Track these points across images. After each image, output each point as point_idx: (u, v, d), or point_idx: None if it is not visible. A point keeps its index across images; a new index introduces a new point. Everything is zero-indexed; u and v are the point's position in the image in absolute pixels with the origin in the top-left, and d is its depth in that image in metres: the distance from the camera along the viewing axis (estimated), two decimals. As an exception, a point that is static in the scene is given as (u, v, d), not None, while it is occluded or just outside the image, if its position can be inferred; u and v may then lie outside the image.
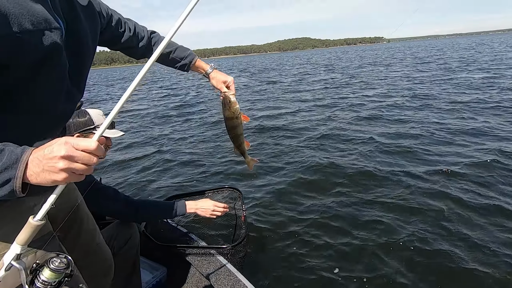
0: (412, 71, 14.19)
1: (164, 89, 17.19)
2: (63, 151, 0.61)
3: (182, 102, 11.33)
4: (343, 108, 7.50)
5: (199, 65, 1.39)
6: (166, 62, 1.36)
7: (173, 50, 1.34)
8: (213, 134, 6.37)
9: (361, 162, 4.00)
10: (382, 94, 8.88)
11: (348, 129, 5.63)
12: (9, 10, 0.63)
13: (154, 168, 4.65)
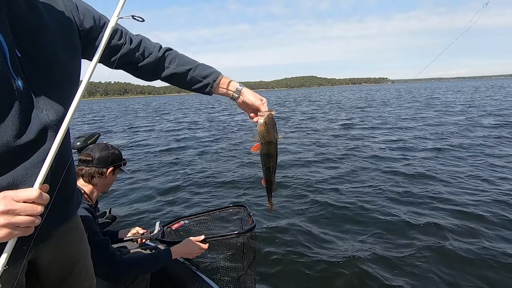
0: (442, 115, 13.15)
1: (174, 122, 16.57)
2: (2, 206, 0.60)
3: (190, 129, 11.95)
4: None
5: (226, 85, 1.14)
6: (184, 83, 1.13)
7: (192, 68, 1.12)
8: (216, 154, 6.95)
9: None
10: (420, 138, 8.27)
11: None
12: None
13: (160, 190, 4.83)
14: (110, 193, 4.74)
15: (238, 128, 12.71)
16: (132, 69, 1.09)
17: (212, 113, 21.53)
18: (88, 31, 0.93)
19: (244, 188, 4.87)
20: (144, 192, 4.92)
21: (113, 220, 2.14)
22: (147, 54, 1.07)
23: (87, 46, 0.95)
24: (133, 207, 4.31)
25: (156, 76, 1.13)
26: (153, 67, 1.09)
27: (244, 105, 1.16)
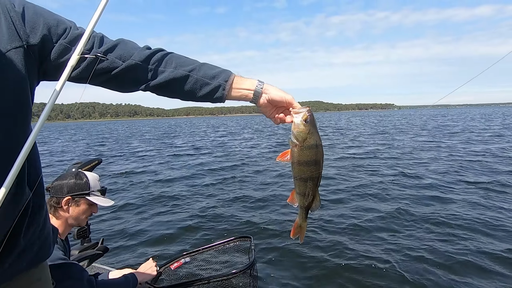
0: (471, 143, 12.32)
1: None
2: None
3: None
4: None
5: (241, 84, 0.89)
6: (186, 89, 0.87)
7: (196, 68, 0.87)
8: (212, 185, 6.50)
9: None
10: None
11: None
12: None
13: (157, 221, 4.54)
14: (103, 223, 4.46)
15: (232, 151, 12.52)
16: (107, 79, 0.84)
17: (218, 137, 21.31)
18: (41, 45, 0.76)
19: (253, 213, 4.62)
20: (141, 222, 4.61)
21: (105, 251, 1.99)
22: (127, 56, 0.83)
23: (42, 62, 0.79)
24: (128, 239, 4.01)
25: (141, 83, 0.86)
26: (138, 71, 0.85)
27: (268, 106, 0.91)
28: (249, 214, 4.69)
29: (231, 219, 4.50)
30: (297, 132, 0.84)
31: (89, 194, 1.50)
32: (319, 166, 0.86)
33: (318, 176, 0.87)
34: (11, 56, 0.70)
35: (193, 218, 4.62)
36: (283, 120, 0.91)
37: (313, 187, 0.88)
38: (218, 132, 25.83)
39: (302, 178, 0.87)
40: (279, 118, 0.91)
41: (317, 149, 0.85)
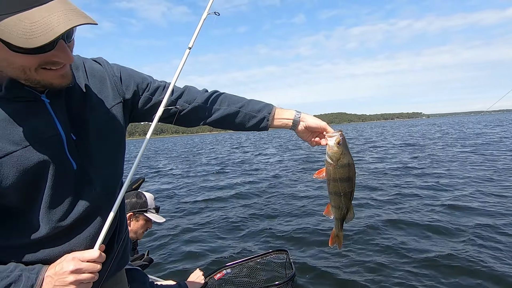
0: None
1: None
2: (71, 266, 0.72)
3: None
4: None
5: (282, 115, 1.08)
6: (237, 122, 1.08)
7: (244, 105, 1.08)
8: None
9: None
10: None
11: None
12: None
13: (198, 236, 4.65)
14: (147, 236, 4.75)
15: (264, 165, 12.43)
16: (178, 118, 1.05)
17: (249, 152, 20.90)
18: (132, 98, 0.98)
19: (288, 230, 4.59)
20: (180, 235, 4.85)
21: (150, 262, 2.15)
22: (192, 100, 1.05)
23: (132, 110, 1.01)
24: (171, 251, 4.29)
25: (203, 120, 1.07)
26: (200, 111, 1.06)
27: (306, 132, 1.07)
28: (283, 227, 4.75)
29: (266, 233, 4.60)
30: (332, 153, 0.96)
31: (147, 211, 1.74)
32: (352, 182, 0.98)
33: (351, 191, 0.99)
34: (115, 109, 0.92)
35: (227, 232, 4.79)
36: (318, 143, 1.07)
37: (347, 201, 1.00)
38: (243, 148, 25.75)
39: (337, 193, 0.98)
40: (315, 141, 1.07)
41: (349, 167, 0.96)
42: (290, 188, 7.54)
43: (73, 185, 0.80)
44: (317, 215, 5.19)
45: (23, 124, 0.72)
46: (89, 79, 0.88)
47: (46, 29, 0.58)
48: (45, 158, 0.74)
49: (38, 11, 0.59)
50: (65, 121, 0.79)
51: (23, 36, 0.58)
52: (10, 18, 0.57)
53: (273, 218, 5.26)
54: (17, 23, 0.57)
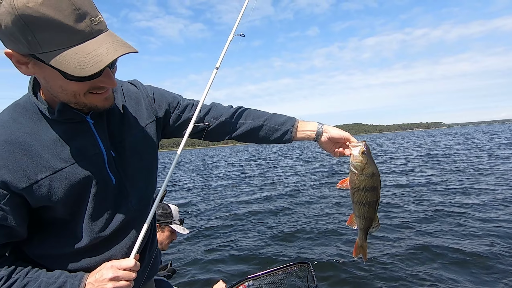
0: None
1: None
2: (110, 273, 0.78)
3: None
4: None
5: (305, 127, 1.11)
6: (262, 135, 1.13)
7: (268, 118, 1.12)
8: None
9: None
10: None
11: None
12: (36, 158, 0.75)
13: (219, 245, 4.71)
14: (173, 247, 4.84)
15: (283, 177, 12.38)
16: (206, 133, 1.10)
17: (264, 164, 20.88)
18: (164, 116, 1.05)
19: (311, 239, 4.58)
20: (203, 247, 4.90)
21: (173, 273, 2.20)
22: (218, 115, 1.11)
23: (164, 127, 1.08)
24: (191, 262, 4.34)
25: (229, 134, 1.13)
26: (226, 126, 1.11)
27: (329, 143, 1.09)
28: (304, 239, 4.69)
29: (287, 244, 4.55)
30: (356, 163, 0.97)
31: (172, 222, 1.80)
32: (377, 192, 0.98)
33: (376, 201, 0.98)
34: (149, 127, 0.99)
35: (248, 244, 4.77)
36: (342, 153, 1.08)
37: (371, 211, 0.99)
38: (259, 160, 25.61)
39: (361, 203, 0.99)
40: (339, 152, 1.09)
41: (374, 177, 0.97)
42: (310, 200, 7.47)
43: (113, 198, 0.87)
44: (339, 225, 5.07)
45: (71, 143, 0.80)
46: (126, 100, 0.96)
47: (96, 60, 0.65)
48: (89, 174, 0.81)
49: (90, 44, 0.66)
50: (105, 140, 0.86)
51: (78, 66, 0.65)
52: (67, 51, 0.65)
53: (294, 229, 5.19)
54: (73, 56, 0.65)
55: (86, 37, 0.66)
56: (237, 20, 1.11)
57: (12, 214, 0.75)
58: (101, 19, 0.68)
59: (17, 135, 0.75)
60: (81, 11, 0.64)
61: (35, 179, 0.75)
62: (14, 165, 0.73)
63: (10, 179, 0.73)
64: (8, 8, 0.59)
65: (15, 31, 0.61)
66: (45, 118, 0.79)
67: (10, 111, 0.80)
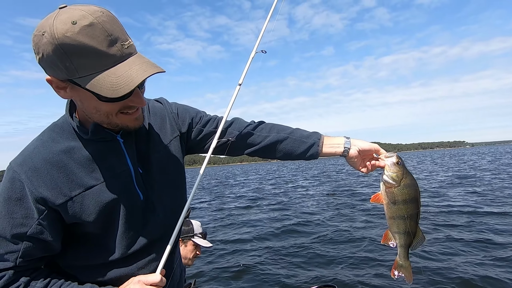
0: None
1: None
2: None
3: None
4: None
5: (331, 141, 1.06)
6: (286, 149, 1.08)
7: (293, 131, 1.09)
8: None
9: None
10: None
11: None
12: (71, 176, 0.78)
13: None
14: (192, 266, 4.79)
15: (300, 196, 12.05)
16: (228, 147, 1.08)
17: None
18: (187, 131, 1.06)
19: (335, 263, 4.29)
20: (225, 264, 4.81)
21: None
22: (241, 127, 1.10)
23: (187, 142, 1.08)
24: (215, 280, 4.26)
25: (252, 146, 1.09)
26: (250, 138, 1.09)
27: (358, 157, 1.03)
28: (330, 258, 4.48)
29: (313, 265, 4.36)
30: (393, 174, 0.92)
31: (194, 236, 1.82)
32: (418, 203, 0.93)
33: (417, 213, 0.92)
34: (173, 143, 1.00)
35: (272, 263, 4.63)
36: (374, 166, 1.03)
37: (413, 225, 0.93)
38: (275, 179, 24.85)
39: (401, 217, 0.92)
40: (371, 165, 1.04)
41: (415, 187, 0.92)
42: (334, 217, 7.16)
43: (141, 214, 0.89)
44: (369, 244, 4.75)
45: (102, 161, 0.83)
46: (151, 118, 0.98)
47: (127, 81, 0.68)
48: (118, 191, 0.83)
49: (121, 67, 0.69)
50: (133, 157, 0.88)
51: (111, 88, 0.68)
52: (101, 75, 0.68)
53: (319, 248, 4.95)
54: (106, 78, 0.68)
55: (118, 61, 0.69)
56: (259, 37, 1.13)
57: (48, 229, 0.78)
58: (130, 43, 0.72)
59: (54, 154, 0.79)
60: (113, 37, 0.68)
61: (70, 195, 0.78)
62: (52, 182, 0.77)
63: (48, 196, 0.76)
64: (49, 39, 0.64)
65: (55, 59, 0.66)
66: (79, 137, 0.83)
67: (49, 131, 0.85)
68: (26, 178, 0.76)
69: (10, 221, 0.75)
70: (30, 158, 0.78)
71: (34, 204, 0.76)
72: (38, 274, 0.81)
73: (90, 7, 0.68)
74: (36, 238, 0.77)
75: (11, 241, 0.76)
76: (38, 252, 0.79)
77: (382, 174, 0.97)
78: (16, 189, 0.76)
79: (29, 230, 0.76)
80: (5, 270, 0.77)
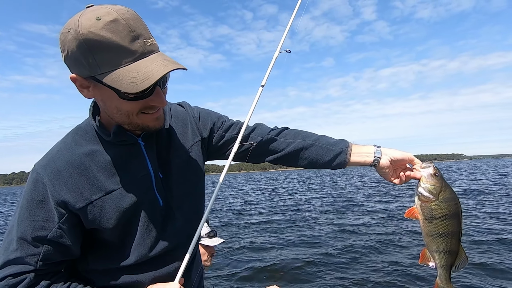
0: None
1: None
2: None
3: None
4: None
5: (360, 149, 0.96)
6: (311, 157, 1.00)
7: (319, 138, 1.01)
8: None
9: None
10: None
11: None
12: (92, 180, 0.77)
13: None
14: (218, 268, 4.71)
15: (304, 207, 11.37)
16: (249, 153, 1.00)
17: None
18: (209, 136, 1.02)
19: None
20: (247, 270, 4.61)
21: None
22: (264, 133, 1.03)
23: (208, 147, 1.04)
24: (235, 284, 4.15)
25: (276, 153, 1.02)
26: (273, 144, 1.01)
27: (389, 167, 0.94)
28: (360, 279, 4.10)
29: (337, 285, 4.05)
30: (431, 186, 0.83)
31: (199, 241, 1.67)
32: (459, 219, 0.83)
33: (459, 230, 0.82)
34: (194, 148, 0.97)
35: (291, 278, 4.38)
36: (409, 177, 0.93)
37: (455, 243, 0.83)
38: (280, 189, 22.70)
39: (441, 234, 0.83)
40: (405, 176, 0.94)
41: (454, 201, 0.83)
42: (362, 235, 6.49)
43: (160, 220, 0.86)
44: (406, 263, 4.33)
45: (123, 165, 0.81)
46: (173, 121, 0.96)
47: (148, 76, 0.66)
48: (138, 196, 0.81)
49: (142, 63, 0.67)
50: (154, 162, 0.86)
51: (131, 83, 0.66)
52: (121, 70, 0.67)
53: (343, 269, 4.52)
54: (126, 74, 0.66)
55: (139, 57, 0.68)
56: (283, 35, 1.06)
57: (68, 233, 0.77)
58: (153, 41, 0.71)
59: (77, 157, 0.79)
60: (135, 33, 0.67)
61: (90, 199, 0.77)
62: (73, 186, 0.76)
63: (69, 199, 0.75)
64: (74, 35, 0.65)
65: (79, 55, 0.66)
66: (101, 140, 0.82)
67: (73, 134, 0.84)
68: (49, 181, 0.75)
69: (32, 224, 0.74)
70: (53, 161, 0.78)
71: (55, 207, 0.75)
72: (58, 278, 0.80)
73: (115, 5, 0.69)
74: (56, 241, 0.76)
75: (32, 244, 0.75)
76: (58, 256, 0.78)
77: (418, 187, 0.87)
78: (39, 191, 0.75)
79: (49, 234, 0.75)
80: (26, 273, 0.76)
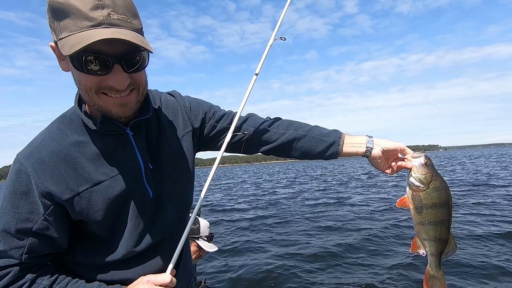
0: None
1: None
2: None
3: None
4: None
5: (352, 139, 0.97)
6: (304, 147, 0.99)
7: (311, 129, 1.00)
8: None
9: None
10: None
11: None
12: (79, 171, 0.74)
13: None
14: (204, 264, 4.63)
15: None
16: (242, 144, 0.99)
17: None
18: (200, 126, 0.99)
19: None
20: (244, 268, 4.47)
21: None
22: (256, 124, 1.01)
23: (200, 137, 1.01)
24: (227, 280, 4.08)
25: (269, 144, 1.01)
26: (266, 135, 1.00)
27: (381, 158, 0.94)
28: (351, 269, 4.09)
29: (335, 272, 4.03)
30: (421, 176, 0.85)
31: (198, 238, 1.64)
32: (449, 207, 0.85)
33: (449, 218, 0.85)
34: (185, 138, 0.94)
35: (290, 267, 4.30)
36: (400, 167, 0.94)
37: (444, 231, 0.86)
38: (266, 183, 21.11)
39: (432, 222, 0.85)
40: (397, 166, 0.94)
41: (446, 190, 0.85)
42: (356, 226, 6.35)
43: (149, 212, 0.84)
44: (397, 253, 4.33)
45: (111, 156, 0.78)
46: (163, 111, 0.92)
47: (86, 39, 0.60)
48: (127, 187, 0.78)
49: (95, 31, 0.62)
50: (144, 152, 0.83)
51: (70, 46, 0.61)
52: (74, 35, 0.62)
53: (344, 254, 4.52)
54: (73, 39, 0.61)
55: (96, 26, 0.62)
56: (278, 22, 1.02)
57: (54, 225, 0.74)
58: (126, 19, 0.64)
59: (62, 147, 0.75)
60: (102, 2, 0.62)
61: (77, 191, 0.74)
62: (59, 176, 0.73)
63: (54, 190, 0.72)
64: (47, 0, 0.63)
65: (49, 20, 0.65)
66: (88, 130, 0.78)
67: (58, 123, 0.80)
68: (33, 171, 0.72)
69: (15, 216, 0.72)
70: (38, 151, 0.74)
71: (40, 198, 0.72)
72: (44, 271, 0.78)
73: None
74: (41, 234, 0.73)
75: (16, 236, 0.73)
76: (44, 248, 0.76)
77: (409, 176, 0.89)
78: (22, 182, 0.72)
79: (34, 226, 0.72)
80: (11, 266, 0.73)
